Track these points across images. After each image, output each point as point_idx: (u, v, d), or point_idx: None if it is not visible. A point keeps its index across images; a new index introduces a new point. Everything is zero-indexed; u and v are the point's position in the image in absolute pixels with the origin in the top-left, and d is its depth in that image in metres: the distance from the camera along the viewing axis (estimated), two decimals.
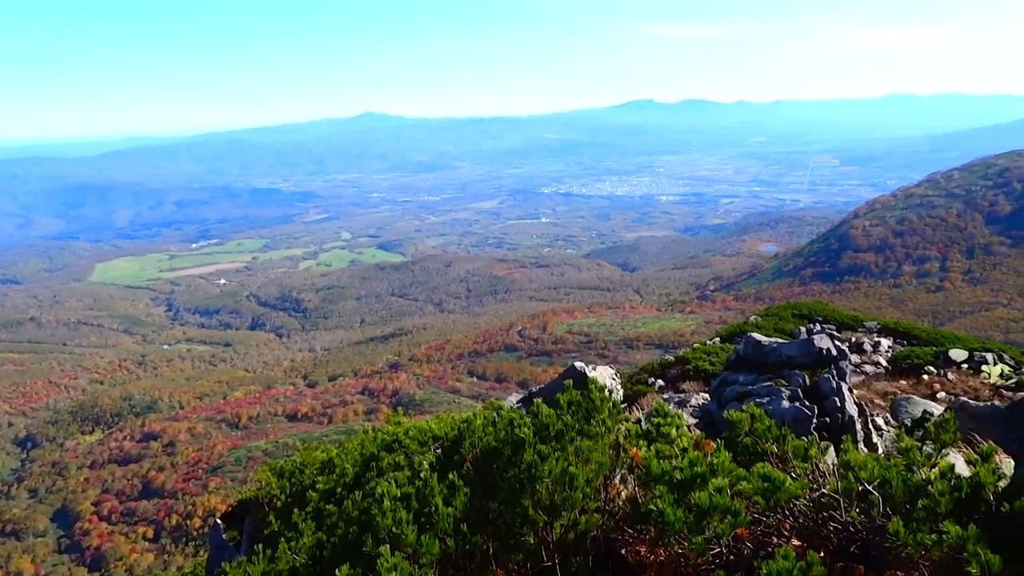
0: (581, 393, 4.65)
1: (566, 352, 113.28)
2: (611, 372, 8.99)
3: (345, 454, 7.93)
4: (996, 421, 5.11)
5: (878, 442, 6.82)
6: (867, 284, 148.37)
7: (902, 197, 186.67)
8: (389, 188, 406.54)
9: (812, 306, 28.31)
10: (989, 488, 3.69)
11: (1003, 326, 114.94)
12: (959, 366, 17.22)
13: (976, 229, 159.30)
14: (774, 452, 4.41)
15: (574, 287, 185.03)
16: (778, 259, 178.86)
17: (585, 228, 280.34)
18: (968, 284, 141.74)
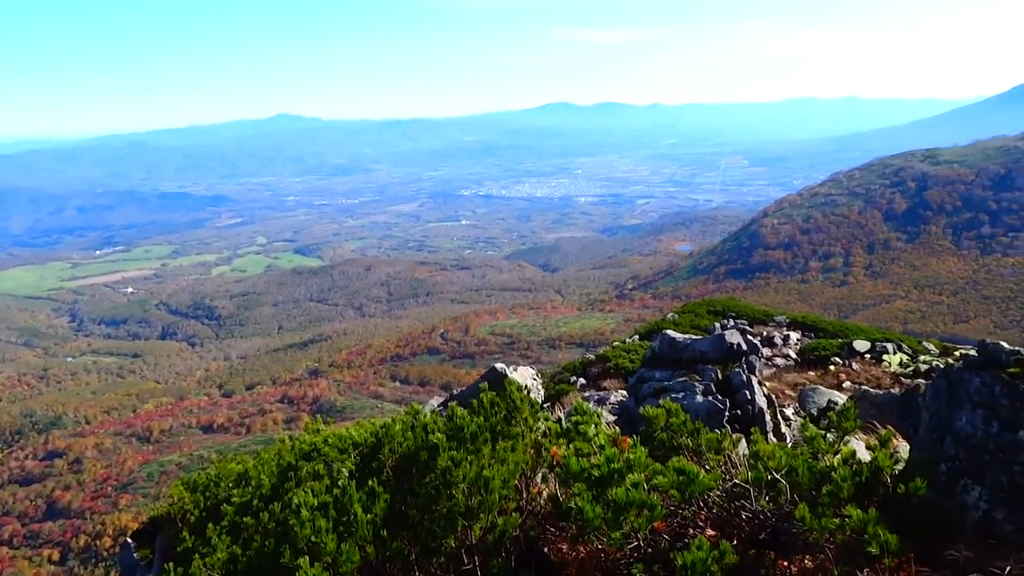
0: (500, 394, 4.67)
1: (489, 354, 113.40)
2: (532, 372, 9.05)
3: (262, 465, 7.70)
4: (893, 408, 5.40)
5: (787, 432, 7.10)
6: (777, 280, 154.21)
7: (808, 196, 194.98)
8: (305, 191, 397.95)
9: (726, 302, 29.22)
10: (887, 471, 3.89)
11: (901, 317, 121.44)
12: (862, 356, 18.11)
13: (876, 226, 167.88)
14: (689, 446, 4.52)
15: (496, 289, 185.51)
16: (693, 257, 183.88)
17: (506, 230, 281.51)
18: (869, 278, 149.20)
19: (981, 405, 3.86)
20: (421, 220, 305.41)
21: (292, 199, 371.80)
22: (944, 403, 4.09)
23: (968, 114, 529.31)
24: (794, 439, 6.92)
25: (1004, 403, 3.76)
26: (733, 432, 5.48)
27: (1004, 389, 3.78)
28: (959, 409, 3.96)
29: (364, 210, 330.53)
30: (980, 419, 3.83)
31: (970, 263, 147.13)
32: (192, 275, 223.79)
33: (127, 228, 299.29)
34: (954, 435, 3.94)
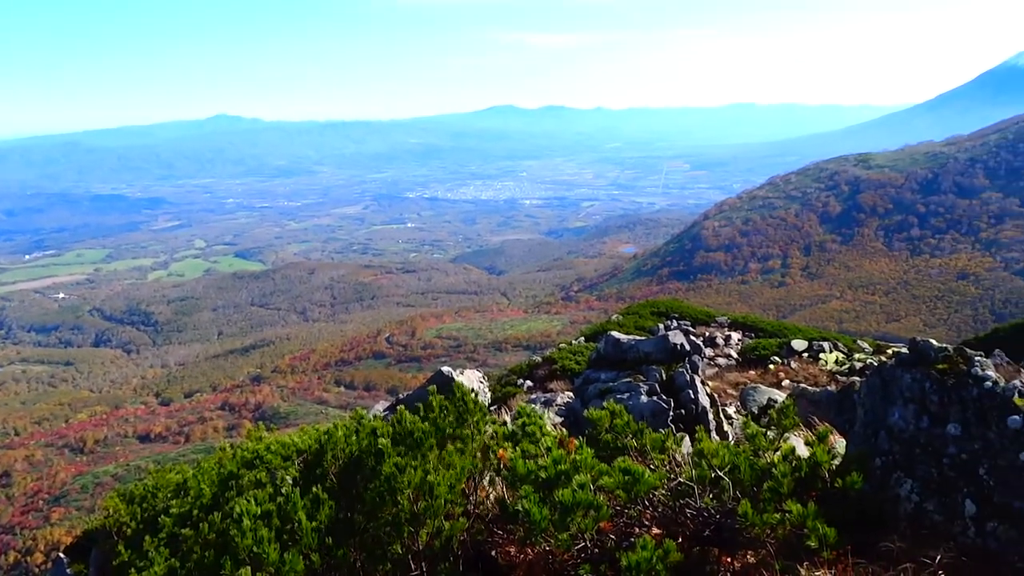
0: (447, 397, 4.64)
1: (435, 357, 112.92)
2: (478, 375, 9.03)
3: (202, 474, 7.49)
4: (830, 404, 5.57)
5: (729, 430, 7.24)
6: (718, 281, 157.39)
7: (747, 199, 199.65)
8: (246, 193, 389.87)
9: (669, 303, 29.69)
10: (825, 466, 3.99)
11: (837, 317, 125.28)
12: (800, 355, 18.61)
13: (812, 228, 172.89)
14: (634, 446, 4.57)
15: (442, 291, 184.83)
16: (637, 259, 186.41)
17: (451, 232, 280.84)
18: (806, 279, 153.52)
19: (912, 401, 3.99)
20: (366, 223, 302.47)
21: (232, 201, 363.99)
22: (878, 399, 4.22)
23: (898, 120, 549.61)
24: (736, 437, 7.06)
25: (933, 398, 3.90)
26: (677, 431, 5.56)
27: (933, 385, 3.92)
28: (892, 405, 4.09)
29: (307, 212, 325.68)
30: (911, 414, 3.97)
31: (901, 264, 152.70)
32: (127, 280, 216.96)
33: (58, 231, 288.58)
34: (887, 430, 4.07)
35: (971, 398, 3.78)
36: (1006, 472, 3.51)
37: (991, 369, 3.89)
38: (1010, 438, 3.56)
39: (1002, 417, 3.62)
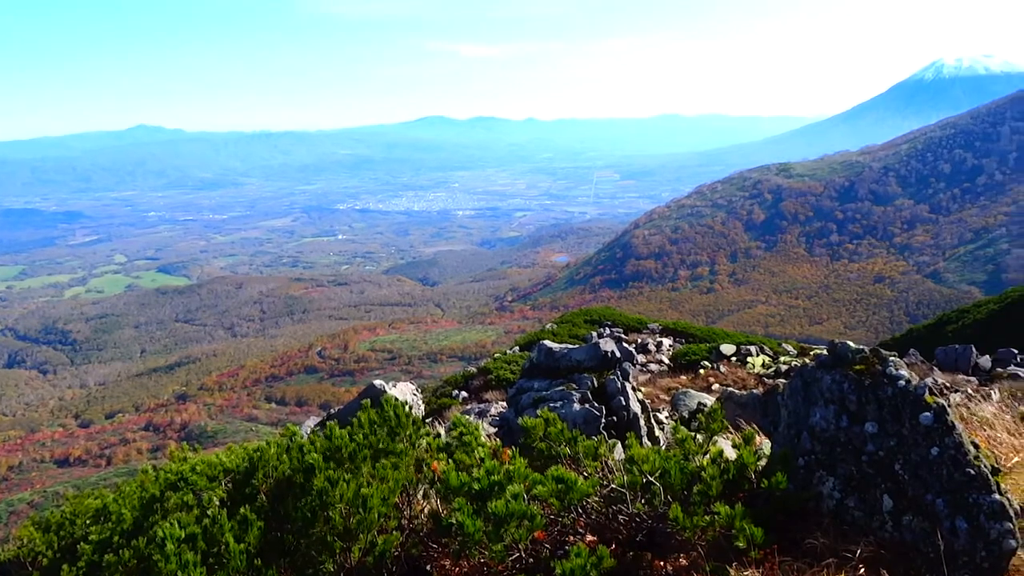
0: (379, 411, 4.58)
1: (369, 370, 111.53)
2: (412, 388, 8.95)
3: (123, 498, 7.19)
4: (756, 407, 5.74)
5: (660, 435, 7.37)
6: (649, 288, 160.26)
7: (675, 208, 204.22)
8: (168, 206, 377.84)
9: (602, 312, 30.11)
10: (751, 468, 4.10)
11: (763, 321, 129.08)
12: (729, 359, 19.08)
13: (738, 235, 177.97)
14: (567, 454, 4.60)
15: (375, 304, 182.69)
16: (570, 268, 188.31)
17: (384, 244, 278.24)
18: (733, 285, 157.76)
19: (832, 401, 4.13)
20: (295, 235, 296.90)
21: (154, 215, 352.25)
22: (800, 400, 4.35)
23: (816, 131, 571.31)
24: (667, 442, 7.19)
25: (852, 398, 4.04)
26: (610, 438, 5.63)
27: (851, 385, 4.07)
28: (813, 406, 4.22)
29: (234, 225, 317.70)
30: (832, 414, 4.10)
31: (822, 269, 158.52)
32: (42, 297, 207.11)
33: None
34: (809, 430, 4.19)
35: (886, 397, 3.93)
36: (919, 467, 3.67)
37: (904, 369, 4.06)
38: (922, 434, 3.72)
39: (915, 414, 3.78)
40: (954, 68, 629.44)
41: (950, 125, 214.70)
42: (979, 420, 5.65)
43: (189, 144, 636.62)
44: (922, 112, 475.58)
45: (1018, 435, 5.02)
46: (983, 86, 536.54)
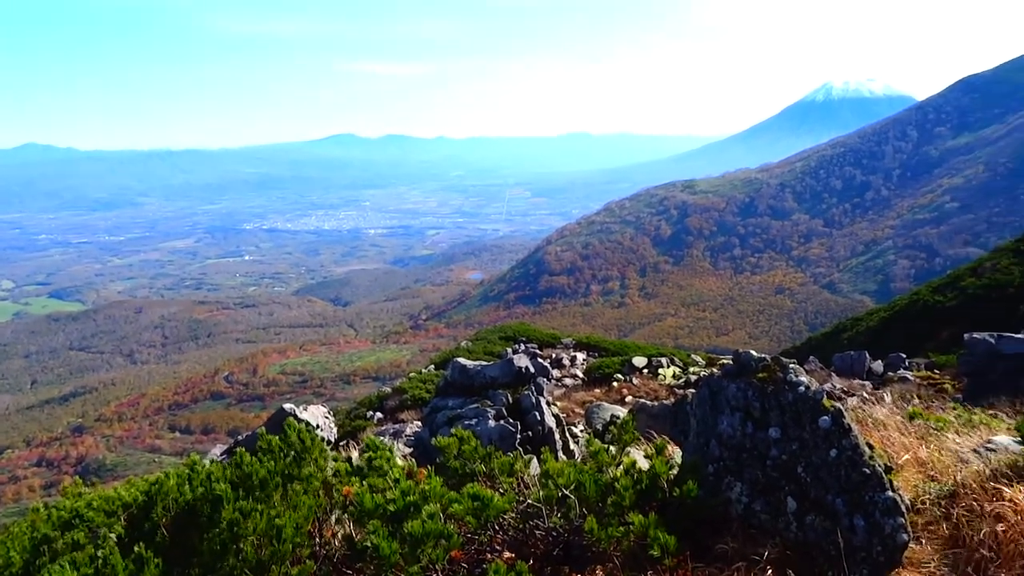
0: (283, 436, 4.45)
1: (280, 394, 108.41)
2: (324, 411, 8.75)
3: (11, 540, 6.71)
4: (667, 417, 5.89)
5: (575, 448, 7.44)
6: (563, 304, 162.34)
7: (586, 225, 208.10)
8: (60, 228, 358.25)
9: (516, 328, 30.27)
10: (663, 477, 4.18)
11: (673, 333, 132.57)
12: (641, 372, 19.48)
13: (646, 251, 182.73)
14: (483, 471, 4.58)
15: (285, 326, 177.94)
16: (484, 286, 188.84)
17: (293, 264, 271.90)
18: (643, 299, 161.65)
19: (738, 409, 4.26)
20: (199, 257, 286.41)
21: (45, 237, 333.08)
22: (708, 409, 4.47)
23: (717, 149, 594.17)
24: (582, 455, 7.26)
25: (756, 405, 4.18)
26: (525, 453, 5.64)
27: (755, 393, 4.21)
28: (720, 414, 4.35)
29: (132, 247, 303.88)
30: (738, 421, 4.23)
31: (726, 281, 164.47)
32: None
33: None
34: (717, 438, 4.31)
35: (788, 403, 4.09)
36: (819, 468, 3.82)
37: (803, 375, 4.23)
38: (822, 437, 3.88)
39: (814, 418, 3.95)
40: (842, 90, 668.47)
41: (840, 144, 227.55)
42: (873, 421, 5.94)
43: (83, 163, 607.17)
44: (814, 131, 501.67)
45: (908, 434, 5.31)
46: (868, 107, 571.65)
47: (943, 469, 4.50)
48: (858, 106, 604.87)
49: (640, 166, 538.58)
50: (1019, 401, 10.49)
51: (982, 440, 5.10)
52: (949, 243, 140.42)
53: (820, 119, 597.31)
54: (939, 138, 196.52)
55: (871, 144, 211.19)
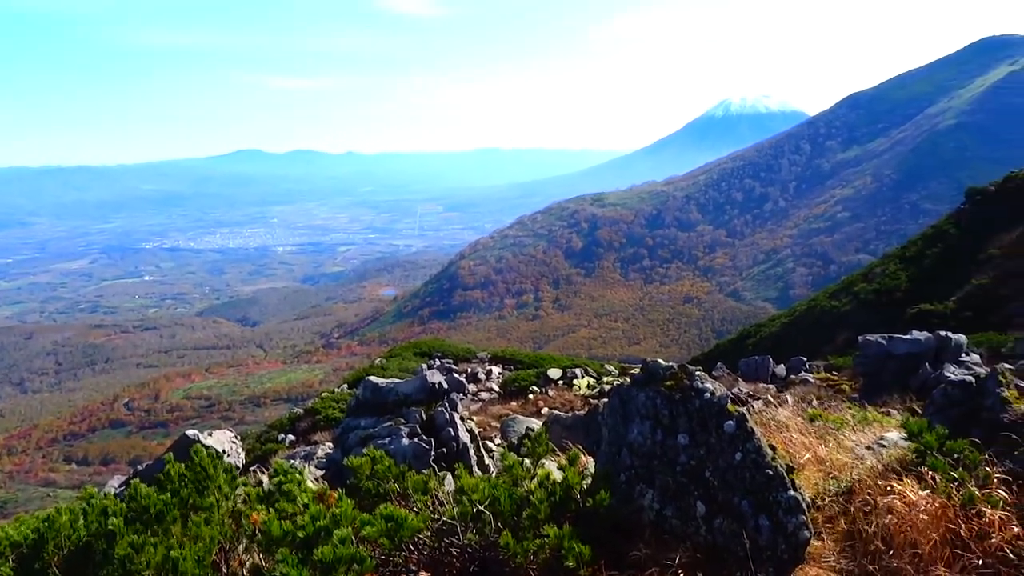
0: (188, 464, 4.26)
1: (185, 419, 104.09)
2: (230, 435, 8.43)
3: None
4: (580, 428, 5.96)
5: (491, 463, 7.42)
6: (477, 318, 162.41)
7: (498, 238, 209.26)
8: None
9: (431, 343, 30.06)
10: (577, 488, 4.21)
11: (587, 344, 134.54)
12: (557, 383, 19.66)
13: (559, 263, 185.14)
14: (396, 490, 4.51)
15: (189, 348, 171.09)
16: (397, 302, 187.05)
17: (197, 284, 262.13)
18: (557, 311, 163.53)
19: (647, 417, 4.35)
20: (94, 278, 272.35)
21: None
22: (619, 418, 4.54)
23: (625, 163, 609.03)
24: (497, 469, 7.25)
25: (664, 413, 4.28)
26: (440, 470, 5.58)
27: (663, 400, 4.31)
28: (631, 422, 4.42)
29: (20, 269, 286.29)
30: (648, 429, 4.32)
31: (636, 292, 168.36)
32: None
33: None
34: (628, 446, 4.38)
35: (694, 409, 4.20)
36: (726, 472, 3.94)
37: (709, 382, 4.35)
38: (727, 441, 4.00)
39: (720, 424, 4.07)
40: (740, 107, 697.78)
41: (739, 158, 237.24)
42: (776, 424, 6.16)
43: None
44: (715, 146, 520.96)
45: (808, 434, 5.54)
46: (764, 123, 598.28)
47: (841, 466, 4.71)
48: (755, 121, 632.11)
49: (551, 180, 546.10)
50: (908, 398, 11.14)
51: (875, 437, 5.37)
52: (842, 251, 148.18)
53: (720, 134, 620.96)
54: (830, 151, 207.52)
55: (768, 157, 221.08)
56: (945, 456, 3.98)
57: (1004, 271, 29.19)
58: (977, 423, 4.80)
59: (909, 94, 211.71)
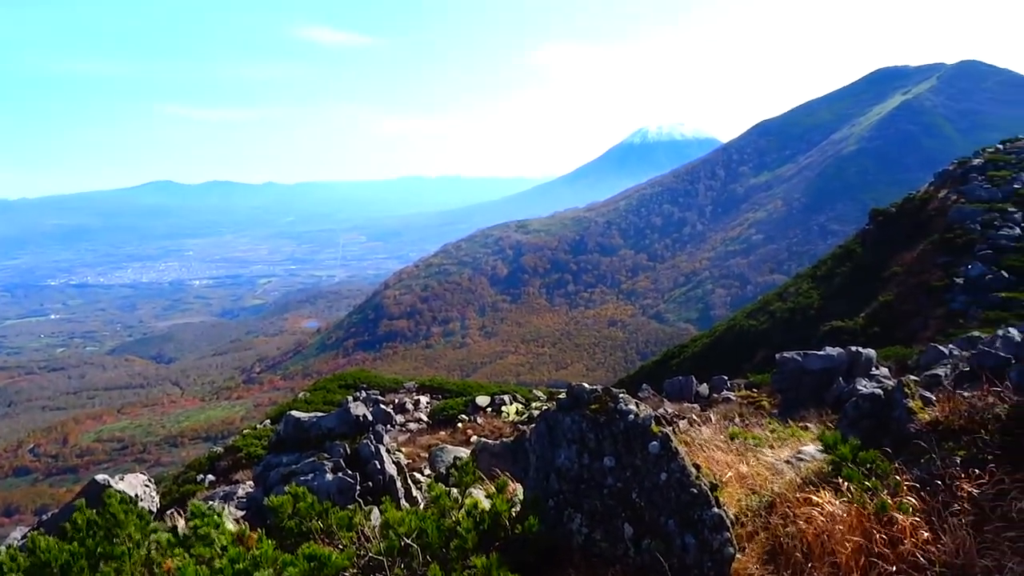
0: (96, 511, 4.03)
1: (96, 464, 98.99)
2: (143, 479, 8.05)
3: None
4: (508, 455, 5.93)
5: (418, 495, 7.30)
6: (404, 348, 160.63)
7: (424, 267, 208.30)
8: None
9: (357, 375, 29.51)
10: (505, 515, 4.18)
11: (515, 370, 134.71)
12: (485, 411, 19.58)
13: (484, 290, 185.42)
14: (320, 528, 4.38)
15: (100, 389, 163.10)
16: (321, 334, 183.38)
17: (107, 321, 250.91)
18: (484, 338, 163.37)
19: (574, 441, 4.37)
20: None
21: None
22: (546, 444, 4.54)
23: (547, 190, 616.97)
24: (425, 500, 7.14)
25: (590, 436, 4.30)
26: (366, 504, 5.46)
27: (589, 424, 4.34)
28: (558, 448, 4.43)
29: None
30: (574, 454, 4.33)
31: (562, 317, 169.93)
32: None
33: None
34: (556, 471, 4.38)
35: (620, 432, 4.24)
36: (652, 492, 3.98)
37: (632, 404, 4.41)
38: (652, 462, 4.05)
39: (644, 444, 4.12)
40: (656, 134, 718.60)
41: (657, 183, 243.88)
42: (700, 443, 6.28)
43: None
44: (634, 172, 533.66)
45: (730, 452, 5.66)
46: (680, 149, 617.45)
47: (762, 482, 4.82)
48: (671, 148, 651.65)
49: (474, 208, 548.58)
50: (824, 412, 11.55)
51: (793, 451, 5.54)
52: (758, 271, 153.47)
53: (639, 161, 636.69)
54: (743, 176, 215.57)
55: (685, 183, 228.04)
56: (859, 466, 4.12)
57: (906, 287, 30.74)
58: (887, 433, 5.01)
59: (814, 121, 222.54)
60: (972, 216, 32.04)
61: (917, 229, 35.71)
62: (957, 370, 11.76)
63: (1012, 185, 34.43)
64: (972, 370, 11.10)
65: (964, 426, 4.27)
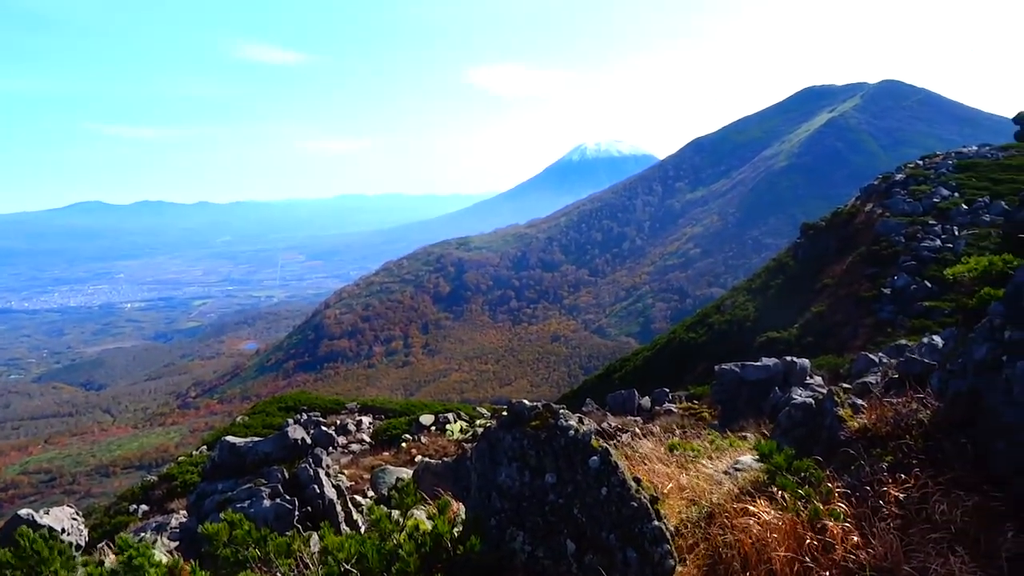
0: (14, 549, 3.84)
1: (22, 498, 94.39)
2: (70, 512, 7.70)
3: None
4: (450, 474, 5.89)
5: (359, 518, 7.17)
6: (345, 368, 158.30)
7: (364, 285, 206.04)
8: None
9: (297, 397, 28.95)
10: (447, 536, 4.13)
11: (459, 388, 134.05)
12: (429, 429, 19.41)
13: (427, 308, 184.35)
14: (256, 556, 4.26)
15: (25, 418, 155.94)
16: (260, 356, 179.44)
17: (33, 348, 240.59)
18: (428, 356, 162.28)
19: (515, 459, 4.36)
20: None
21: None
22: (487, 462, 4.52)
23: (487, 207, 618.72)
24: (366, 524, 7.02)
25: (532, 453, 4.30)
26: (306, 530, 5.34)
27: (530, 441, 4.34)
28: (499, 466, 4.41)
29: None
30: (515, 471, 4.32)
31: (505, 333, 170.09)
32: None
33: None
34: (498, 489, 4.36)
35: (560, 448, 4.25)
36: (593, 508, 4.00)
37: (573, 419, 4.43)
38: (593, 477, 4.07)
39: (585, 460, 4.13)
40: (595, 151, 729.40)
41: (597, 199, 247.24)
42: (640, 456, 6.34)
43: None
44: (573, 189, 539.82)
45: (670, 464, 5.73)
46: (618, 166, 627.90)
47: (701, 493, 4.89)
48: (610, 165, 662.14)
49: (415, 225, 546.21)
50: (762, 421, 11.80)
51: (732, 462, 5.63)
52: (696, 285, 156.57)
53: (578, 177, 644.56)
54: (679, 192, 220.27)
55: (623, 199, 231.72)
56: (793, 475, 4.22)
57: (837, 298, 31.75)
58: (818, 441, 5.14)
59: (746, 138, 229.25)
60: (896, 229, 33.33)
61: (845, 242, 36.96)
62: (887, 378, 12.18)
63: (932, 199, 35.97)
64: (900, 377, 11.52)
65: (890, 432, 4.41)
